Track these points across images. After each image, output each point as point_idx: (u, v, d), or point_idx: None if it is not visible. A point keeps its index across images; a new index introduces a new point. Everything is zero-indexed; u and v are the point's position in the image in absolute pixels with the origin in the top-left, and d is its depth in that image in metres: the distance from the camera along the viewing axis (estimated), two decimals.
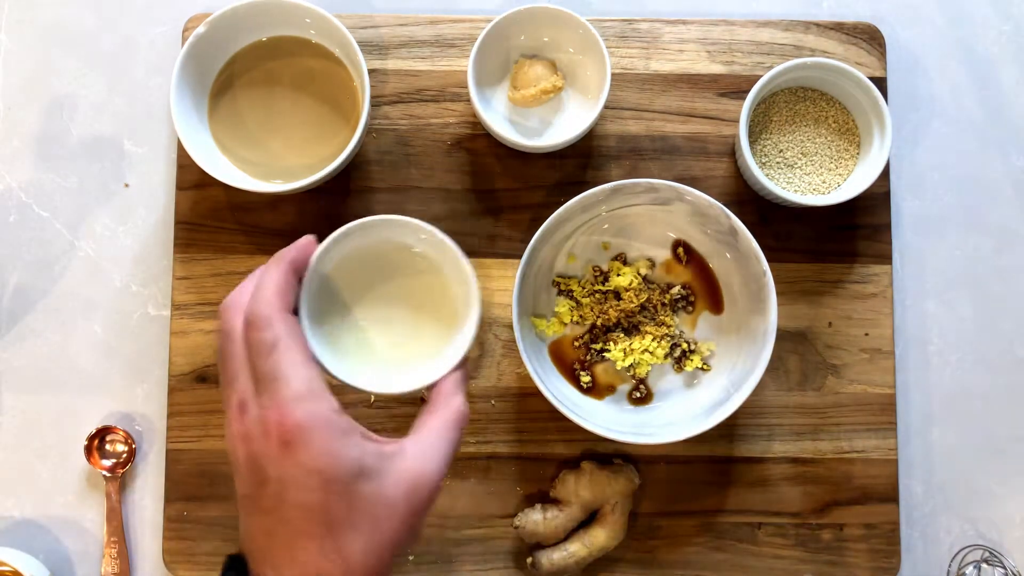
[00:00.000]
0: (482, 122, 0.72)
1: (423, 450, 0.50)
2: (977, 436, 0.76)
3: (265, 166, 0.72)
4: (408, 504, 0.48)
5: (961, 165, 0.78)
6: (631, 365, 0.72)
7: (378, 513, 0.48)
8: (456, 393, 0.54)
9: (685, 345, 0.73)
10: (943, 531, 0.75)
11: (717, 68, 0.77)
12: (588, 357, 0.73)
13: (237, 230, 0.75)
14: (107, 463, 0.74)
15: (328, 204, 0.75)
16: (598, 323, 0.72)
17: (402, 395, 0.58)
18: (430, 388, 0.54)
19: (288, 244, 0.75)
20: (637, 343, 0.72)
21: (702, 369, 0.72)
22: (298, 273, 0.53)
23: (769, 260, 0.67)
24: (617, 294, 0.73)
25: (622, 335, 0.73)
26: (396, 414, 0.74)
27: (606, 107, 0.75)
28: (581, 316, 0.73)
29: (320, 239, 0.54)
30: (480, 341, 0.74)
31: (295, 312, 0.52)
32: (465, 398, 0.54)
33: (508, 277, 0.75)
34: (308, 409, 0.47)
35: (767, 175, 0.73)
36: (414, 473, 0.49)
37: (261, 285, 0.51)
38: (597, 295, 0.73)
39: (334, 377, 0.53)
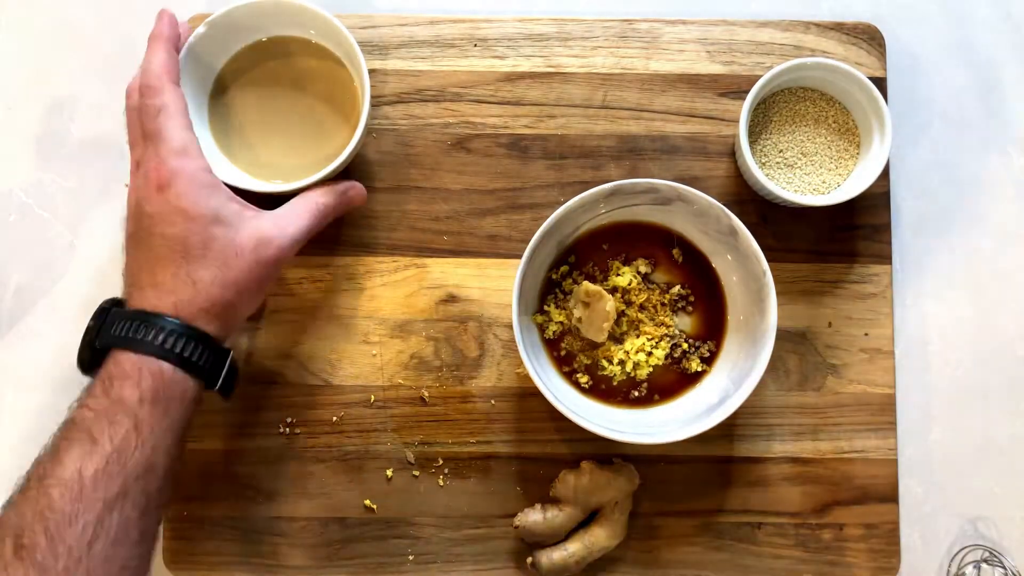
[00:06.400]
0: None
1: (277, 220, 0.63)
2: (977, 436, 0.76)
3: (265, 166, 0.72)
4: (255, 254, 0.61)
5: (961, 165, 0.78)
6: (631, 365, 0.72)
7: (227, 254, 0.60)
8: (324, 194, 0.67)
9: (685, 345, 0.73)
10: (943, 531, 0.75)
11: (717, 68, 0.77)
12: (588, 357, 0.73)
13: None
14: None
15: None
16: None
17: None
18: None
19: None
20: (637, 343, 0.72)
21: (702, 369, 0.72)
22: (178, 49, 0.65)
23: (769, 260, 0.67)
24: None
25: (622, 335, 0.73)
26: (395, 414, 0.74)
27: (607, 107, 0.75)
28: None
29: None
30: (480, 341, 0.74)
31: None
32: (331, 200, 0.67)
33: (508, 277, 0.75)
34: (181, 162, 0.60)
35: (767, 175, 0.73)
36: (264, 232, 0.62)
37: (148, 61, 0.63)
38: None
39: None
